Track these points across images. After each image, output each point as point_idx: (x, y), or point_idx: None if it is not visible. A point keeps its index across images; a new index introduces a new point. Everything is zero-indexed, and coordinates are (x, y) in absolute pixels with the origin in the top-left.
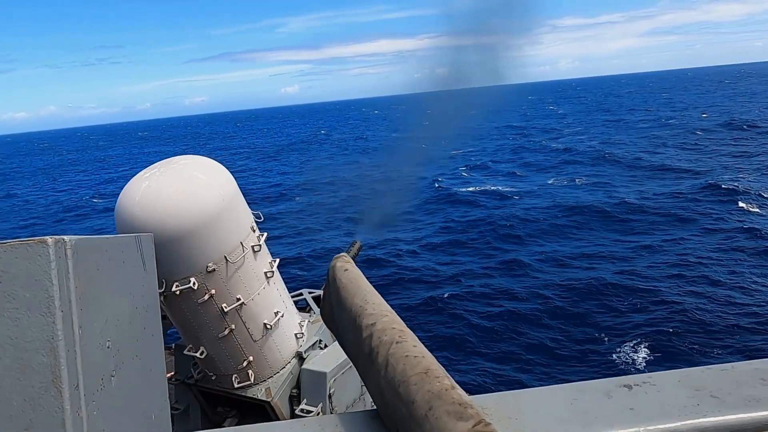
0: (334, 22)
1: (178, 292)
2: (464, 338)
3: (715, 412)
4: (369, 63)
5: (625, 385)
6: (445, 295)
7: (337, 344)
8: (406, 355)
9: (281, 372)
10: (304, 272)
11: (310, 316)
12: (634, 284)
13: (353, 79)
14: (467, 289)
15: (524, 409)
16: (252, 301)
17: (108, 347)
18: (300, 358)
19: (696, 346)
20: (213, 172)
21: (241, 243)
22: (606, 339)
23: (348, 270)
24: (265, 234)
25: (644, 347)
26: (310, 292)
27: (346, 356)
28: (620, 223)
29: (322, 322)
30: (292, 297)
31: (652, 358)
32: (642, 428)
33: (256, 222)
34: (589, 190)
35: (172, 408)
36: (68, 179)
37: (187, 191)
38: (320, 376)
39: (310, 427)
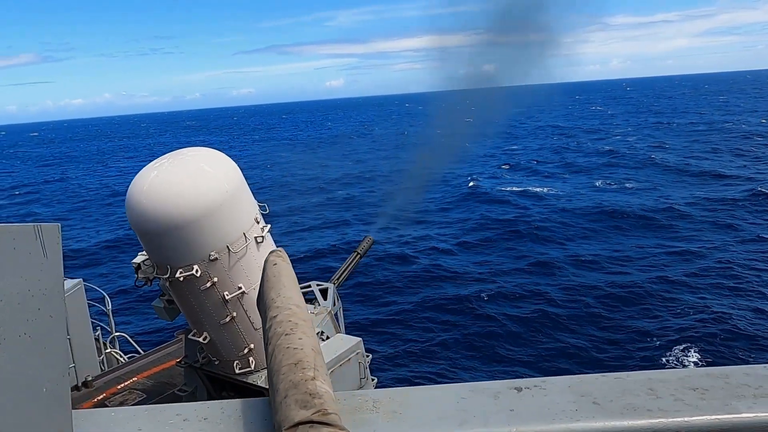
0: (382, 17)
1: (182, 279)
2: (493, 338)
3: (589, 417)
4: (414, 58)
5: (515, 388)
6: (477, 294)
7: (338, 336)
8: (287, 347)
9: None
10: (333, 264)
11: (314, 307)
12: (674, 291)
13: (398, 74)
14: (500, 289)
15: (412, 404)
16: (253, 290)
17: None
18: None
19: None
20: (218, 165)
21: (244, 234)
22: (641, 346)
23: (276, 264)
24: (269, 225)
25: (683, 354)
26: (318, 285)
27: (345, 348)
28: (664, 229)
29: (326, 313)
30: (301, 289)
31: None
32: (514, 429)
33: (261, 213)
34: (632, 194)
35: (180, 390)
36: (118, 164)
37: (191, 182)
38: None
39: (214, 409)
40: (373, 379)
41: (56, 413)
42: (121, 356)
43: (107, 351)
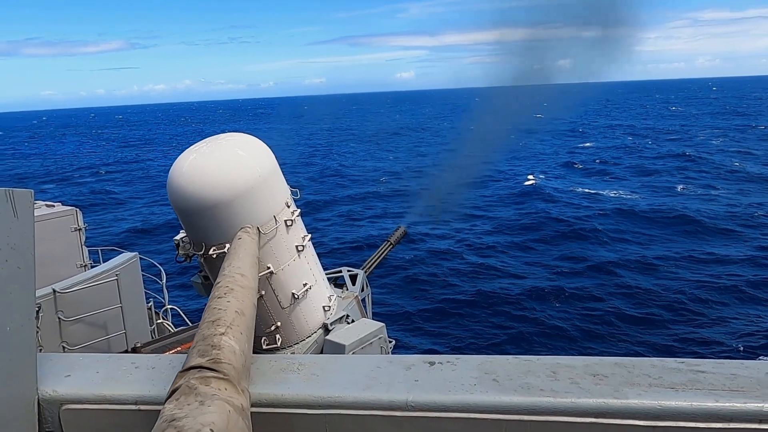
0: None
1: (215, 255)
2: (528, 341)
3: (483, 392)
4: (486, 52)
5: (429, 362)
6: (519, 294)
7: (362, 320)
8: (214, 307)
9: (307, 340)
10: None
11: (342, 291)
12: (733, 301)
13: (468, 68)
14: (545, 290)
15: (331, 369)
16: (281, 271)
17: None
18: (326, 329)
19: None
20: (253, 150)
21: (275, 216)
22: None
23: (241, 239)
24: (299, 210)
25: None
26: (348, 270)
27: (368, 332)
28: (741, 239)
29: (352, 298)
30: (332, 273)
31: None
32: (411, 396)
33: (293, 198)
34: (698, 199)
35: None
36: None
37: (226, 165)
38: (339, 348)
39: (163, 361)
40: None
41: (19, 352)
42: (170, 327)
43: (159, 321)
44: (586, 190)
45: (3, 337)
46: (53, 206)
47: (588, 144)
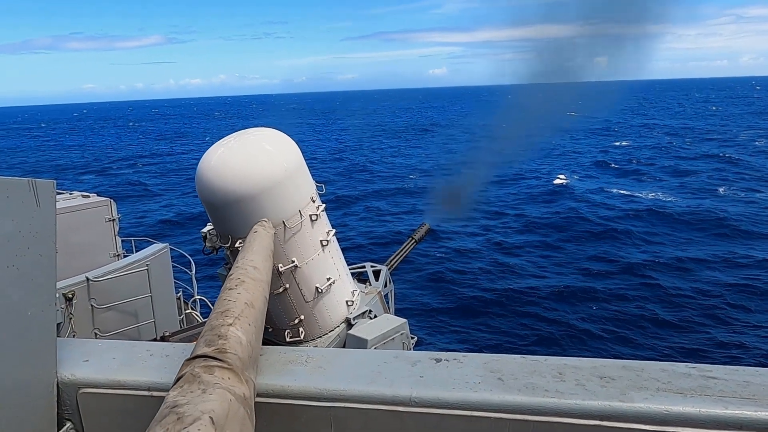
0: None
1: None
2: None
3: (486, 390)
4: (521, 49)
5: (435, 359)
6: (550, 293)
7: (385, 316)
8: (224, 299)
9: (329, 334)
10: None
11: (365, 287)
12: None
13: (503, 64)
14: (571, 291)
15: (337, 363)
16: (306, 265)
17: None
18: (348, 324)
19: None
20: (280, 145)
21: (300, 211)
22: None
23: (256, 232)
24: (324, 205)
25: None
26: (372, 266)
27: (389, 328)
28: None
29: (375, 293)
30: (356, 268)
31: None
32: (414, 392)
33: (318, 194)
34: (737, 202)
35: None
36: None
37: (253, 160)
38: (362, 343)
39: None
40: None
41: (40, 336)
42: (198, 317)
43: (187, 311)
44: (619, 191)
45: (24, 322)
46: (89, 197)
47: (622, 143)
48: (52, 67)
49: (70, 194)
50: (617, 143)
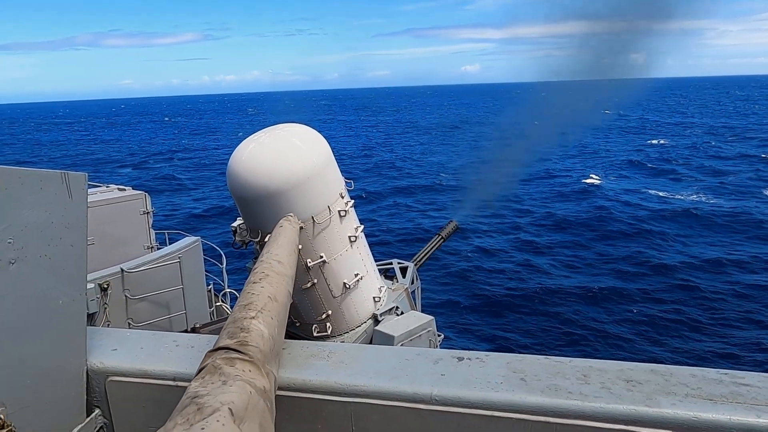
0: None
1: None
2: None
3: (509, 390)
4: (554, 45)
5: (457, 357)
6: (580, 293)
7: (412, 313)
8: (248, 292)
9: (356, 330)
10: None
11: (392, 283)
12: None
13: (536, 61)
14: (597, 291)
15: (359, 358)
16: (334, 260)
17: (9, 242)
18: (375, 320)
19: None
20: (310, 141)
21: (329, 207)
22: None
23: (282, 227)
24: (353, 201)
25: None
26: (398, 263)
27: (417, 325)
28: None
29: (402, 290)
30: (383, 265)
31: None
32: (435, 390)
33: (347, 189)
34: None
35: None
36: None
37: (283, 155)
38: (389, 339)
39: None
40: None
41: (71, 324)
42: (228, 309)
43: (218, 304)
44: (654, 191)
45: (56, 310)
46: (124, 190)
47: (658, 141)
48: (91, 64)
49: (107, 187)
50: (653, 142)
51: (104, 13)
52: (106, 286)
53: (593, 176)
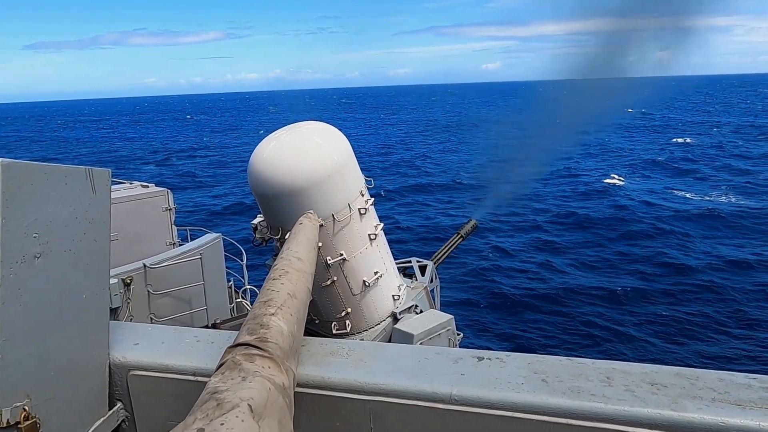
0: None
1: None
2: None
3: (530, 392)
4: (578, 42)
5: (477, 357)
6: (601, 294)
7: (431, 311)
8: (268, 288)
9: (376, 327)
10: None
11: (411, 282)
12: None
13: (558, 59)
14: (616, 292)
15: (379, 356)
16: (354, 258)
17: (35, 237)
18: (394, 318)
19: None
20: (331, 139)
21: (349, 205)
22: None
23: (302, 224)
24: (373, 199)
25: None
26: (417, 261)
27: (436, 323)
28: None
29: (421, 289)
30: (402, 263)
31: None
32: (455, 389)
33: (367, 187)
34: None
35: None
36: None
37: (304, 153)
38: (408, 337)
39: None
40: None
41: (94, 318)
42: (248, 306)
43: (238, 300)
44: (677, 190)
45: (79, 305)
46: (147, 187)
47: (683, 140)
48: (116, 62)
49: (131, 184)
50: (677, 140)
51: (130, 11)
52: (129, 281)
53: (615, 176)
